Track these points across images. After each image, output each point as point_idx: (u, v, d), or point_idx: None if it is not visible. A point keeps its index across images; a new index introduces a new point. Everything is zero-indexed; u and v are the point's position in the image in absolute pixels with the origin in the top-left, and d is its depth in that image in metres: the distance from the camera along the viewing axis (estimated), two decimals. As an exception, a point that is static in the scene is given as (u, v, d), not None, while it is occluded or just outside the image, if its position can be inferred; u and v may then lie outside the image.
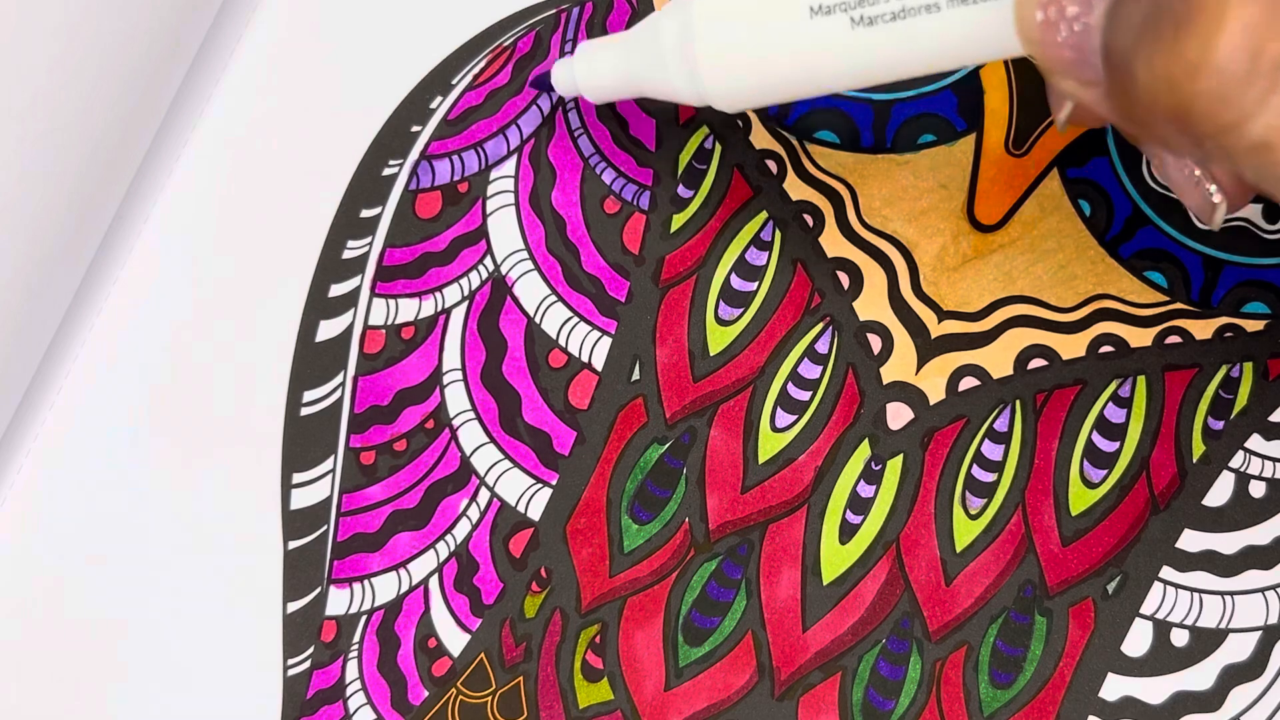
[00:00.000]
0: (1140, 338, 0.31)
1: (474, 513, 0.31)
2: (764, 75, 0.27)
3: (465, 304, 0.32)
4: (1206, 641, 0.29)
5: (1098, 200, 0.31)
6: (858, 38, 0.25)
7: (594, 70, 0.30)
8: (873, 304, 0.31)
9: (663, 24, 0.28)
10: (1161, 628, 0.30)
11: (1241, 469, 0.30)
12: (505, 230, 0.32)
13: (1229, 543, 0.30)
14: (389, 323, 0.32)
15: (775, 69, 0.27)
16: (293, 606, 0.31)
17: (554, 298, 0.32)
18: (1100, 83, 0.21)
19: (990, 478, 0.30)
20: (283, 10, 0.34)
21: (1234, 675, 0.29)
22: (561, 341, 0.32)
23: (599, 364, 0.32)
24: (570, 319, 0.32)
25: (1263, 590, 0.30)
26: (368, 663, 0.30)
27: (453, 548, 0.31)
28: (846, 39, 0.25)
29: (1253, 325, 0.31)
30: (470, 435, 0.31)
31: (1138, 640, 0.30)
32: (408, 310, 0.32)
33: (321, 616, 0.31)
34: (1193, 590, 0.30)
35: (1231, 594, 0.30)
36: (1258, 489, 0.30)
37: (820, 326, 0.31)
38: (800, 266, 0.32)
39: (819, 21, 0.25)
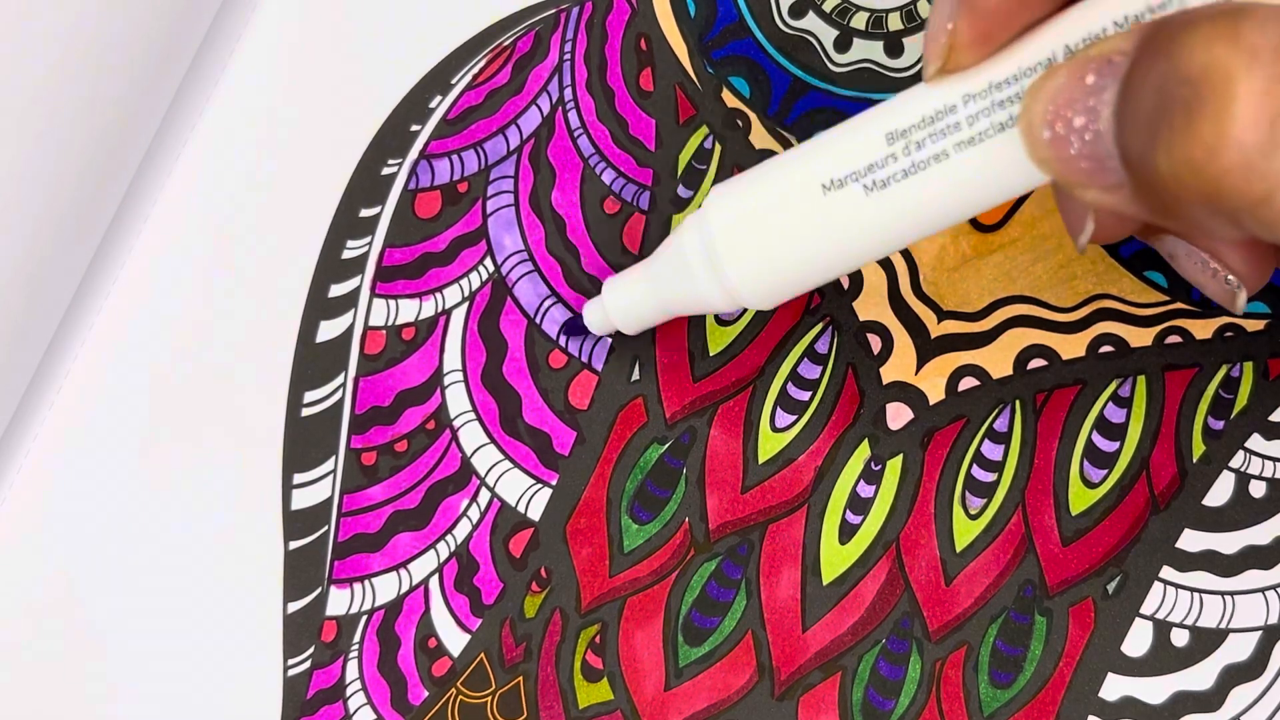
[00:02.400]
0: (1140, 338, 0.31)
1: (474, 513, 0.31)
2: (793, 266, 0.27)
3: (465, 305, 0.32)
4: (1207, 641, 0.29)
5: (1098, 200, 0.31)
6: (875, 203, 0.25)
7: (627, 306, 0.29)
8: (873, 304, 0.31)
9: (685, 243, 0.27)
10: (1162, 628, 0.30)
11: (1242, 469, 0.30)
12: (505, 231, 0.32)
13: (1229, 542, 0.30)
14: (389, 323, 0.32)
15: (802, 256, 0.26)
16: (293, 607, 0.31)
17: (554, 298, 0.32)
18: (1124, 184, 0.21)
19: (990, 478, 0.30)
20: (282, 10, 0.34)
21: (1234, 675, 0.29)
22: (561, 342, 0.32)
23: (599, 364, 0.32)
24: (571, 319, 0.32)
25: (1263, 590, 0.30)
26: (368, 663, 0.30)
27: (453, 548, 0.31)
28: (864, 207, 0.25)
29: (1253, 325, 0.31)
30: (471, 436, 0.31)
31: (1138, 640, 0.30)
32: (408, 311, 0.32)
33: (322, 616, 0.31)
34: (1193, 590, 0.30)
35: (1232, 594, 0.30)
36: (1258, 489, 0.30)
37: (820, 326, 0.31)
38: (800, 266, 0.32)
39: (833, 196, 0.25)
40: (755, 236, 0.26)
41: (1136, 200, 0.21)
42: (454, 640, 0.30)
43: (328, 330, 0.32)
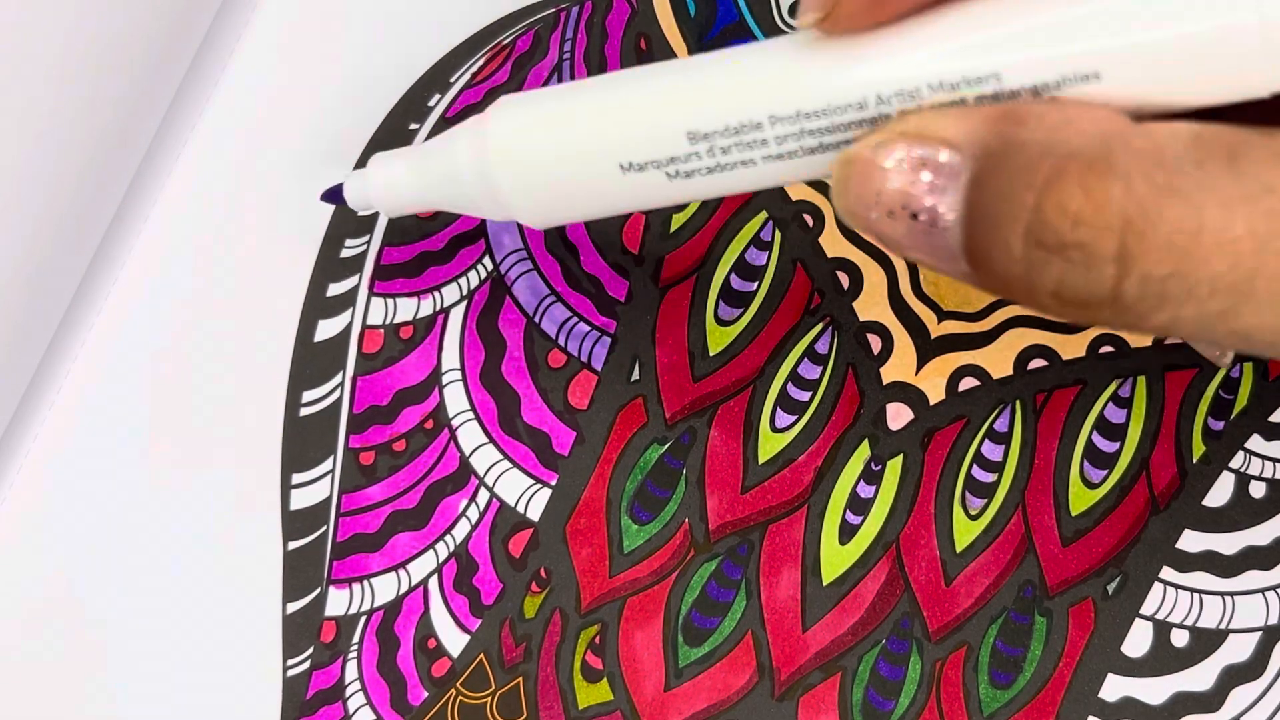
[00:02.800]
0: (1141, 338, 0.31)
1: (473, 513, 0.31)
2: (577, 207, 0.26)
3: (464, 303, 0.32)
4: (1207, 642, 0.29)
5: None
6: (677, 185, 0.24)
7: (388, 185, 0.29)
8: (873, 304, 0.31)
9: (458, 152, 0.27)
10: (1161, 628, 0.30)
11: (1242, 469, 0.30)
12: (504, 229, 0.32)
13: (1229, 543, 0.30)
14: (387, 322, 0.32)
15: (590, 207, 0.26)
16: (292, 607, 0.31)
17: (553, 297, 0.32)
18: (961, 267, 0.21)
19: (990, 478, 0.30)
20: (281, 10, 0.34)
21: (1234, 676, 0.29)
22: (561, 341, 0.32)
23: (598, 364, 0.31)
24: (569, 319, 0.32)
25: (1263, 591, 0.30)
26: (367, 663, 0.30)
27: (452, 548, 0.31)
28: (664, 186, 0.25)
29: (1254, 325, 0.31)
30: (469, 435, 0.31)
31: (1138, 640, 0.30)
32: (406, 310, 0.32)
33: (321, 617, 0.31)
34: (1193, 590, 0.30)
35: (1232, 594, 0.30)
36: (1258, 489, 0.30)
37: (820, 326, 0.31)
38: (800, 266, 0.32)
39: (632, 175, 0.24)
40: (541, 184, 0.26)
41: (975, 282, 0.21)
42: (453, 641, 0.30)
43: (326, 329, 0.32)
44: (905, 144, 0.21)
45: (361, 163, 0.33)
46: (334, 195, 0.30)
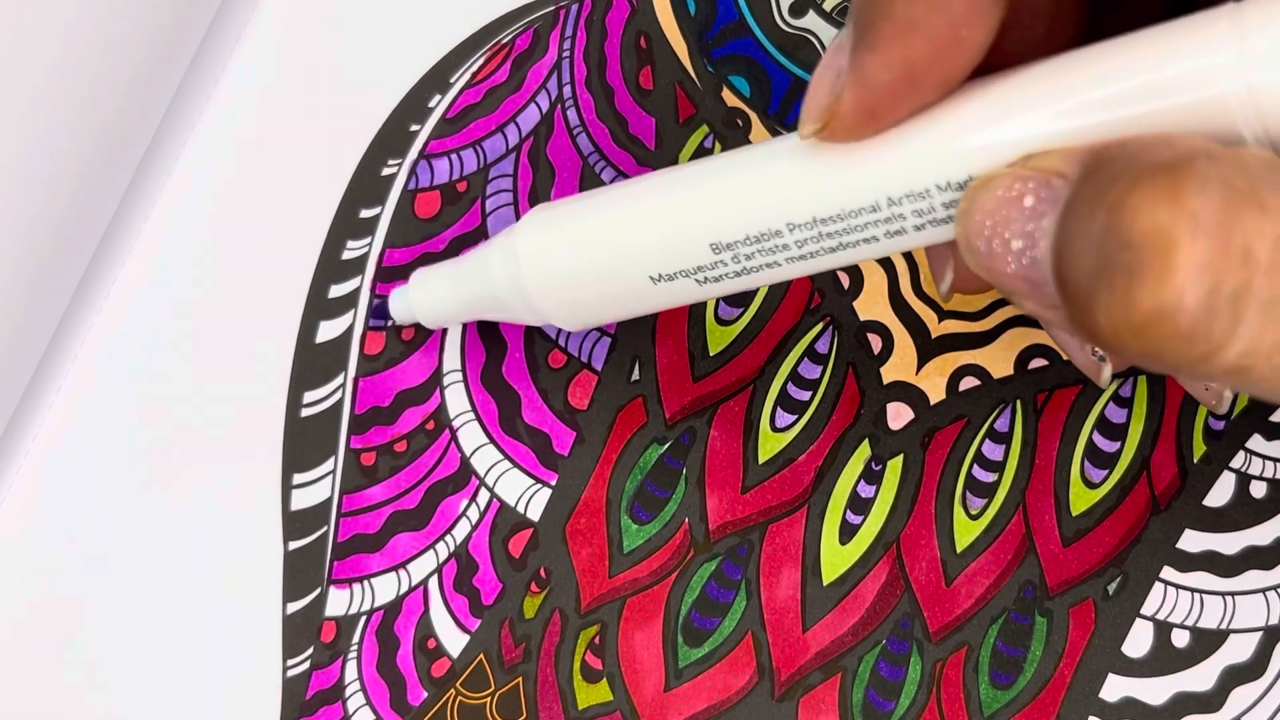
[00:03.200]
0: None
1: (473, 513, 0.31)
2: (609, 313, 0.27)
3: (464, 304, 0.32)
4: (1207, 642, 0.29)
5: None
6: (706, 289, 0.25)
7: (430, 302, 0.30)
8: (873, 304, 0.31)
9: (492, 268, 0.28)
10: (1162, 628, 0.30)
11: (1242, 469, 0.30)
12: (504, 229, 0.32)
13: (1230, 543, 0.30)
14: (389, 324, 0.32)
15: (622, 310, 0.27)
16: (292, 607, 0.31)
17: (553, 298, 0.32)
18: (1060, 309, 0.20)
19: (990, 478, 0.30)
20: (281, 10, 0.34)
21: (1235, 676, 0.29)
22: (561, 341, 0.32)
23: (598, 364, 0.31)
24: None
25: (1264, 591, 0.29)
26: (367, 663, 0.30)
27: (452, 548, 0.31)
28: (695, 290, 0.25)
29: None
30: (470, 436, 0.31)
31: (1138, 641, 0.30)
32: (407, 310, 0.32)
33: (321, 617, 0.31)
34: (1193, 591, 0.30)
35: (1232, 594, 0.30)
36: (1259, 489, 0.30)
37: (820, 326, 0.31)
38: (800, 266, 0.32)
39: (663, 285, 0.25)
40: (574, 295, 0.27)
41: (1073, 327, 0.20)
42: (453, 641, 0.30)
43: (327, 330, 0.32)
44: (1018, 176, 0.20)
45: (363, 163, 0.33)
46: (380, 311, 0.32)
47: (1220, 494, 0.30)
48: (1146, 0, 0.24)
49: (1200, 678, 0.29)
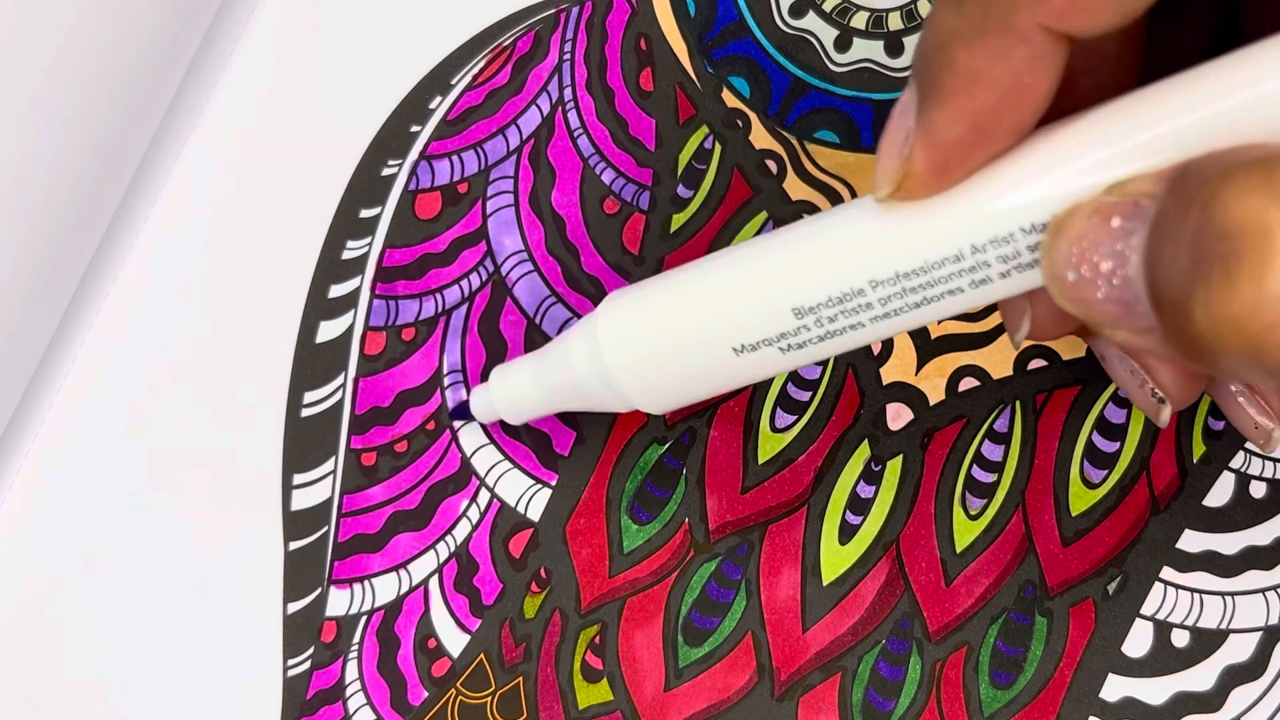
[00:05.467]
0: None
1: (474, 513, 0.31)
2: (698, 392, 0.27)
3: (465, 305, 0.32)
4: (1207, 642, 0.29)
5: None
6: (791, 357, 0.25)
7: (514, 401, 0.29)
8: (873, 304, 0.31)
9: (576, 362, 0.27)
10: (1162, 628, 0.30)
11: (1242, 469, 0.30)
12: (505, 231, 0.32)
13: (1230, 543, 0.30)
14: (389, 324, 0.32)
15: (709, 388, 0.27)
16: (293, 607, 0.31)
17: (554, 298, 0.32)
18: (1155, 328, 0.20)
19: (990, 478, 0.30)
20: (282, 10, 0.34)
21: (1235, 676, 0.29)
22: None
23: (599, 364, 0.31)
24: (570, 319, 0.32)
25: (1263, 591, 0.30)
26: (367, 663, 0.30)
27: (453, 548, 0.31)
28: (779, 359, 0.25)
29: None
30: (470, 436, 0.31)
31: (1138, 641, 0.30)
32: (408, 311, 0.32)
33: (322, 617, 0.31)
34: (1193, 591, 0.30)
35: (1232, 594, 0.30)
36: (1258, 489, 0.30)
37: (820, 327, 0.31)
38: (800, 267, 0.32)
39: (746, 355, 0.25)
40: (658, 374, 0.26)
41: (1169, 345, 0.20)
42: (454, 641, 0.30)
43: (327, 331, 0.32)
44: (1104, 202, 0.20)
45: (363, 164, 0.33)
46: (461, 412, 0.31)
47: (1220, 494, 0.30)
48: (1195, 41, 0.23)
49: (1200, 678, 0.29)
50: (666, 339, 0.26)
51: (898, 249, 0.22)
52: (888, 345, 0.31)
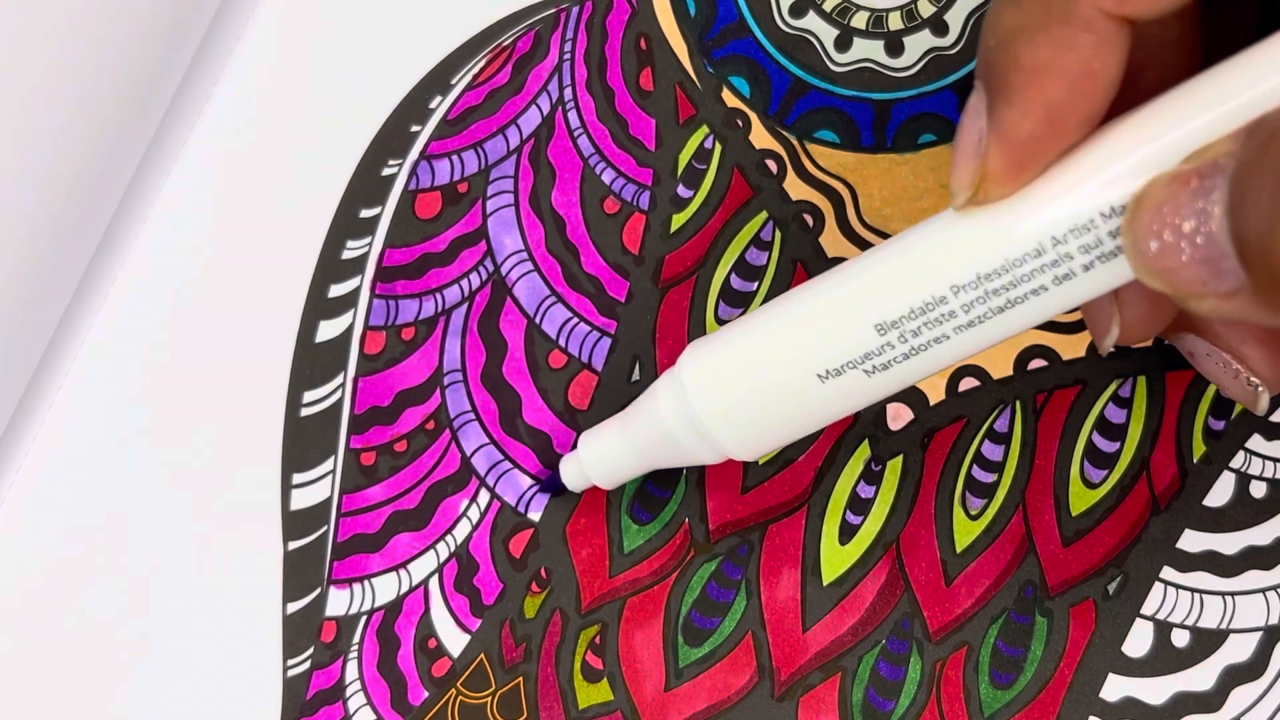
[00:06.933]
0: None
1: (474, 513, 0.31)
2: (790, 431, 0.26)
3: (465, 305, 0.32)
4: (1207, 642, 0.29)
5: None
6: (878, 380, 0.24)
7: (606, 465, 0.29)
8: (873, 304, 0.31)
9: (665, 414, 0.27)
10: (1162, 628, 0.30)
11: (1242, 469, 0.30)
12: (505, 231, 0.32)
13: (1230, 543, 0.30)
14: (389, 323, 0.32)
15: (800, 424, 0.26)
16: (293, 607, 0.31)
17: (554, 298, 0.32)
18: (1242, 288, 0.19)
19: (990, 478, 0.30)
20: (282, 10, 0.34)
21: (1235, 676, 0.29)
22: (561, 342, 0.32)
23: (599, 364, 0.31)
24: (570, 319, 0.32)
25: (1264, 591, 0.29)
26: (367, 663, 0.30)
27: (453, 548, 0.31)
28: (867, 383, 0.24)
29: (1254, 325, 0.31)
30: (470, 436, 0.31)
31: (1138, 641, 0.30)
32: (408, 311, 0.32)
33: (321, 617, 0.31)
34: (1193, 590, 0.30)
35: (1232, 594, 0.30)
36: (1259, 489, 0.30)
37: (820, 327, 0.31)
38: (800, 266, 0.32)
39: (831, 382, 0.24)
40: (746, 414, 0.26)
41: (1258, 300, 0.19)
42: (454, 641, 0.30)
43: (327, 330, 0.32)
44: (1182, 169, 0.20)
45: (363, 164, 0.33)
46: (553, 483, 0.30)
47: (1220, 494, 0.30)
48: (1250, 23, 0.23)
49: (1200, 678, 0.29)
50: (750, 376, 0.25)
51: (977, 250, 0.22)
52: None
